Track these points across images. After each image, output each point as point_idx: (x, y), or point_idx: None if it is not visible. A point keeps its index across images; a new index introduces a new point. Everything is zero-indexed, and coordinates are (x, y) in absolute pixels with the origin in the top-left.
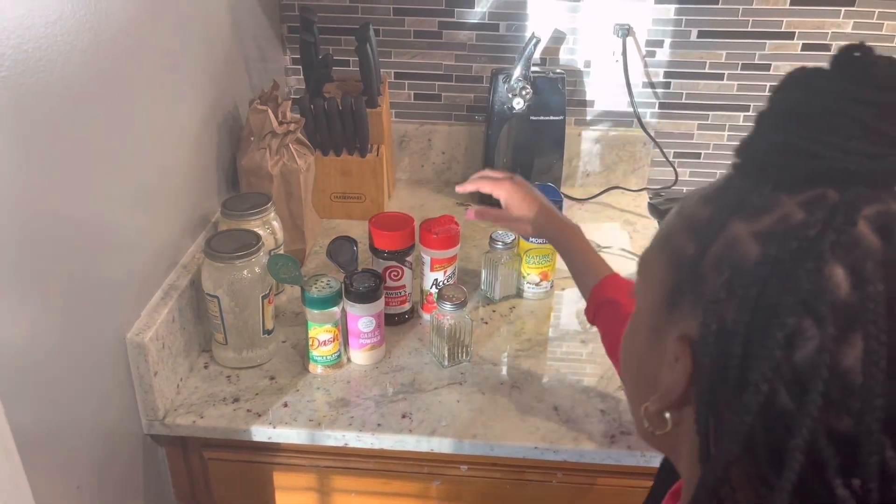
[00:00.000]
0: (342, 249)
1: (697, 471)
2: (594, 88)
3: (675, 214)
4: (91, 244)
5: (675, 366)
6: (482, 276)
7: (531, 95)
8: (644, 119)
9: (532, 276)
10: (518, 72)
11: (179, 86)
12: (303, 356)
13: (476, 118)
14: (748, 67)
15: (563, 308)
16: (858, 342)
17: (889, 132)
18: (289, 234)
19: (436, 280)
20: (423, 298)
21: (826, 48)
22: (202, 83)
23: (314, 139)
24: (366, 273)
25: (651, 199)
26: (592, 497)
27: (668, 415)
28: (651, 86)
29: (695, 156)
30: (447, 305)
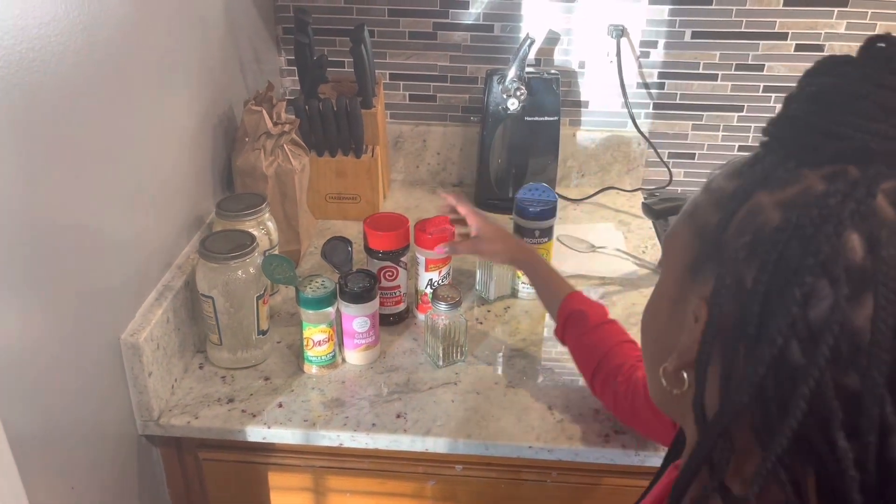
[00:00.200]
0: (337, 250)
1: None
2: (589, 89)
3: (702, 191)
4: (85, 245)
5: (694, 326)
6: (477, 277)
7: (526, 96)
8: (638, 119)
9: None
10: (513, 73)
11: (174, 87)
12: (298, 356)
13: (471, 119)
14: (742, 68)
15: None
16: (869, 303)
17: None
18: (284, 235)
19: (430, 280)
20: (418, 298)
21: (819, 49)
22: (197, 84)
23: (309, 140)
24: (360, 273)
25: (645, 200)
26: (587, 496)
27: (685, 374)
28: (645, 86)
29: (689, 156)
30: (442, 305)
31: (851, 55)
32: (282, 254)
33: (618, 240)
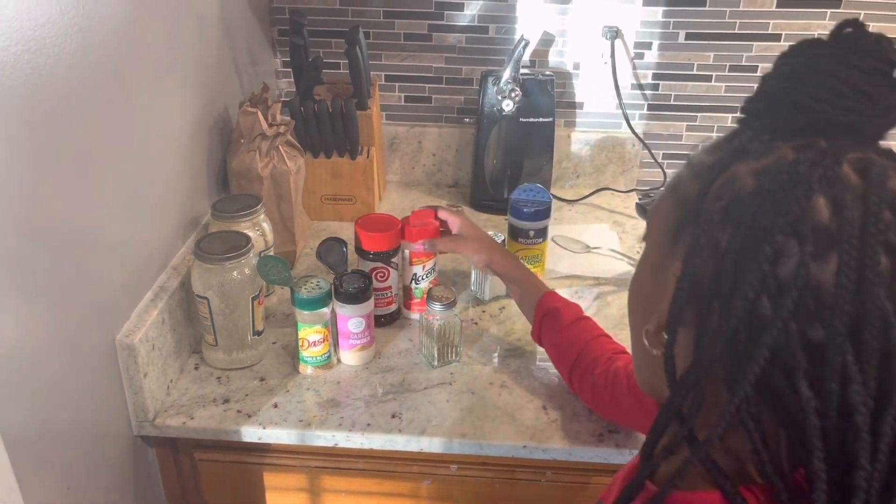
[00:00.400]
0: (332, 251)
1: None
2: (583, 90)
3: (685, 166)
4: (80, 246)
5: (674, 287)
6: (472, 277)
7: (520, 97)
8: (633, 121)
9: None
10: (507, 74)
11: (170, 88)
12: (293, 357)
13: (466, 120)
14: (736, 69)
15: None
16: (834, 260)
17: (871, 92)
18: (279, 236)
19: (415, 274)
20: (406, 296)
21: None
22: (192, 86)
23: (304, 141)
24: (355, 274)
25: (640, 200)
26: (582, 495)
27: (665, 334)
28: (640, 87)
29: (683, 157)
30: (437, 306)
31: (823, 39)
32: (277, 255)
33: (612, 240)
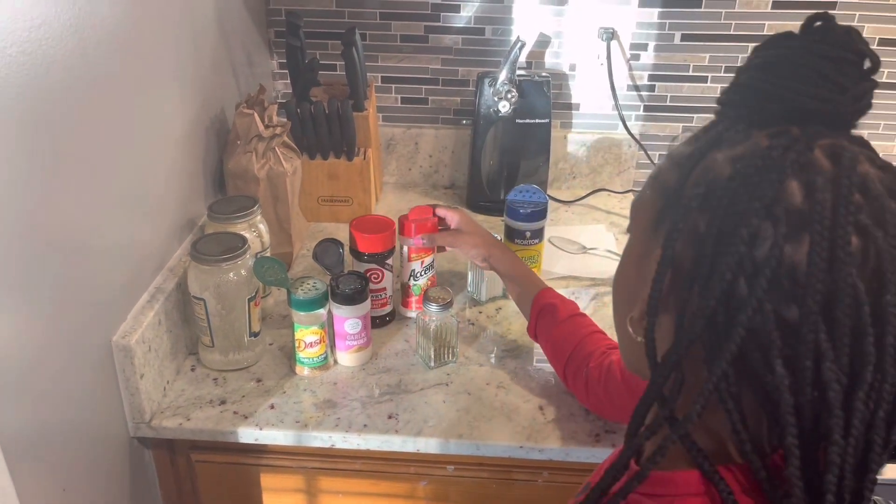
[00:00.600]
0: (328, 252)
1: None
2: (579, 91)
3: (665, 157)
4: (77, 247)
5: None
6: (468, 278)
7: (517, 99)
8: (629, 122)
9: None
10: (504, 75)
11: (166, 90)
12: (289, 358)
13: (462, 121)
14: (731, 70)
15: None
16: (806, 241)
17: (841, 81)
18: (276, 238)
19: (413, 271)
20: (403, 293)
21: None
22: (189, 87)
23: (301, 143)
24: (352, 275)
25: None
26: None
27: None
28: (636, 89)
29: None
30: (433, 307)
31: (794, 32)
32: (274, 256)
33: (609, 241)
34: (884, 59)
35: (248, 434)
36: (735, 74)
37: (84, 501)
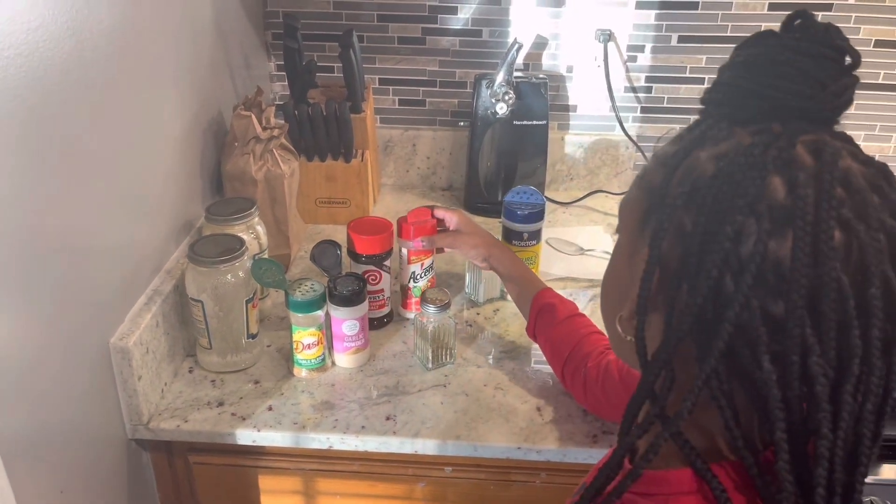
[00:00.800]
0: (326, 253)
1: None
2: (576, 93)
3: (651, 158)
4: (75, 249)
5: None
6: (466, 279)
7: (514, 100)
8: (626, 123)
9: None
10: (501, 77)
11: (164, 92)
12: (287, 360)
13: (460, 123)
14: None
15: None
16: (790, 236)
17: (822, 78)
18: (273, 240)
19: (413, 273)
20: (403, 294)
21: None
22: (187, 89)
23: (298, 145)
24: (350, 277)
25: None
26: None
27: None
28: (633, 90)
29: None
30: (431, 308)
31: (775, 30)
32: (271, 258)
33: (606, 242)
34: (880, 61)
35: (246, 436)
36: (718, 73)
37: (82, 503)
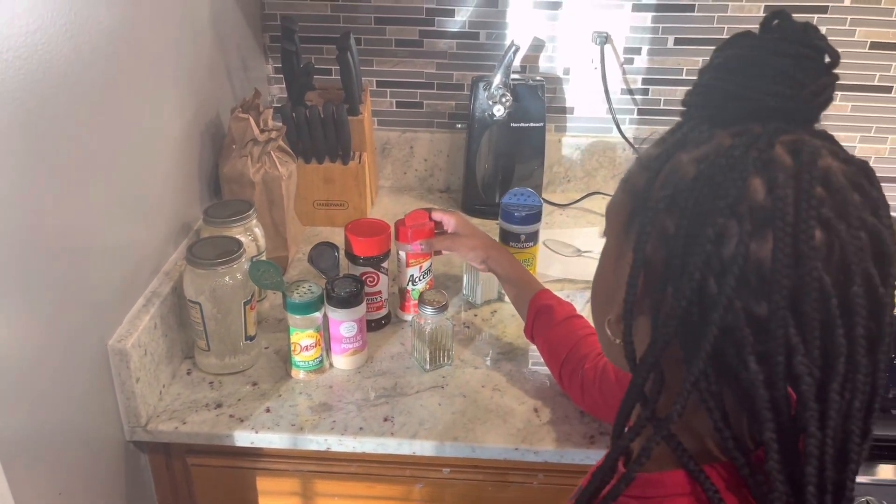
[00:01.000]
0: (324, 255)
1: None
2: (573, 95)
3: (634, 160)
4: (73, 251)
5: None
6: (464, 281)
7: (511, 103)
8: (623, 125)
9: None
10: (498, 79)
11: (162, 94)
12: (285, 362)
13: (457, 125)
14: None
15: None
16: (771, 237)
17: (801, 79)
18: (271, 242)
19: (411, 276)
20: (402, 297)
21: None
22: (185, 92)
23: (296, 147)
24: (347, 278)
25: None
26: None
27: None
28: (629, 92)
29: None
30: (428, 309)
31: (753, 31)
32: (269, 260)
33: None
34: (875, 63)
35: (244, 437)
36: (697, 76)
37: None
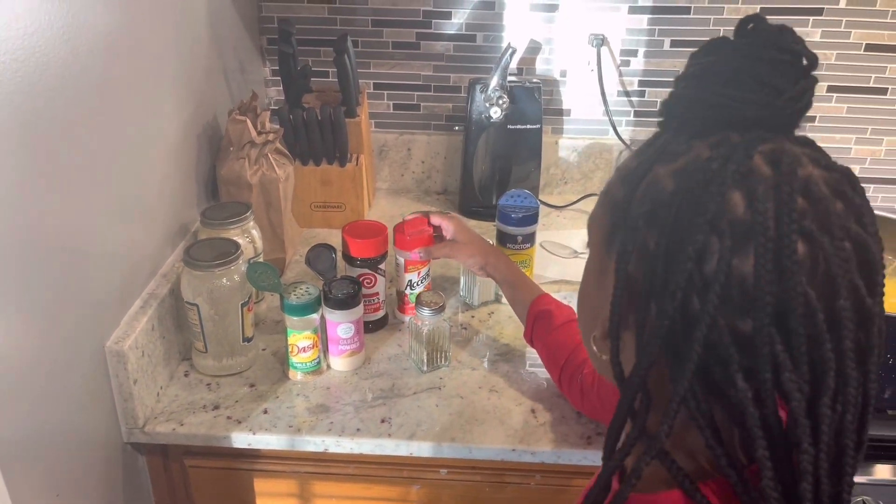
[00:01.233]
0: (321, 257)
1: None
2: (570, 97)
3: (614, 172)
4: (71, 253)
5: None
6: (461, 282)
7: (508, 105)
8: (619, 127)
9: None
10: (495, 81)
11: (159, 97)
12: (283, 363)
13: (454, 128)
14: None
15: None
16: (752, 251)
17: (778, 85)
18: (269, 244)
19: (410, 281)
20: (400, 300)
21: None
22: (182, 94)
23: (293, 149)
24: (345, 280)
25: None
26: (570, 498)
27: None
28: (626, 94)
29: None
30: (425, 311)
31: (728, 37)
32: (267, 262)
33: None
34: (870, 64)
35: (242, 439)
36: (673, 84)
37: None
